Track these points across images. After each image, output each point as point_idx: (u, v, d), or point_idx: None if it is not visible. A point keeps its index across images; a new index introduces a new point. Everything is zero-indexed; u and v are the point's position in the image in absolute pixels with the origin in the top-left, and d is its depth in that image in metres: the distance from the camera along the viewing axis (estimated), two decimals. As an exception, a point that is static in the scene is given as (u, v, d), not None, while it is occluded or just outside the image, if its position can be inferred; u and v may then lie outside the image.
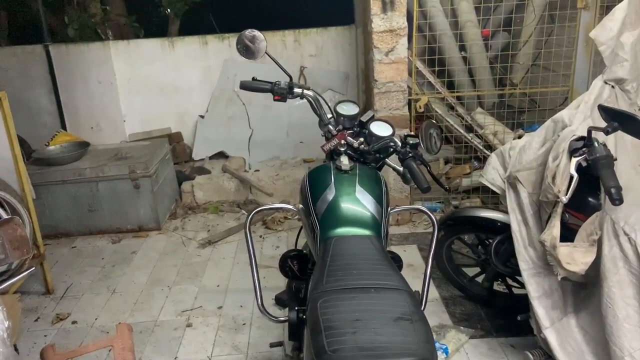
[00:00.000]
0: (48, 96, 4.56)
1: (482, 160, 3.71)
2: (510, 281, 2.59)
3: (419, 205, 2.18)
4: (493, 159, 2.19)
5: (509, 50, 3.65)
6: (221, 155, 4.72)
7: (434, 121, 1.92)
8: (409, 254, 3.32)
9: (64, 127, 4.58)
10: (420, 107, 3.54)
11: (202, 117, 4.77)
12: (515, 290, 2.61)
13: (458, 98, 3.79)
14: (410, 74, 3.54)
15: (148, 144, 4.16)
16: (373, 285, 1.36)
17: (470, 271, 2.76)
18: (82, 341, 2.66)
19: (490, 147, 3.61)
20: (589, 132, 1.64)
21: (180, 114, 4.78)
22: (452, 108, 3.78)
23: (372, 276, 1.41)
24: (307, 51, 4.75)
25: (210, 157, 4.72)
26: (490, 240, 2.56)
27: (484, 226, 2.46)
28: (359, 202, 1.76)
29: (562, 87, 3.52)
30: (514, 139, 3.47)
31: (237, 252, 3.49)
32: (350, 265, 1.48)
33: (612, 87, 1.94)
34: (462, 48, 3.76)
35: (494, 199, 3.60)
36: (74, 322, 2.82)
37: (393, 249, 3.37)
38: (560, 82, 3.53)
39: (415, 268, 3.15)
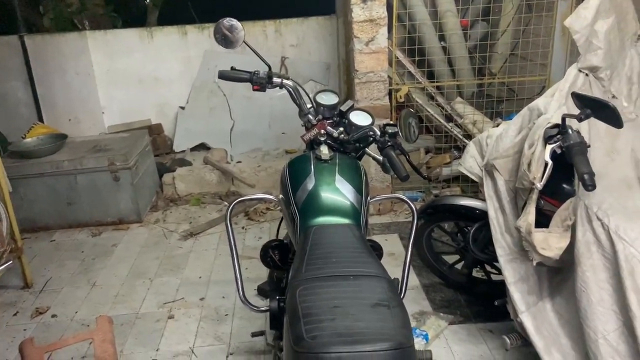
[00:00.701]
0: (24, 88, 4.48)
1: (462, 149, 3.73)
2: (488, 268, 2.63)
3: (399, 194, 2.19)
4: (471, 147, 2.22)
5: (488, 40, 3.68)
6: (202, 146, 4.69)
7: (412, 110, 1.92)
8: (390, 243, 3.35)
9: (40, 119, 4.50)
10: (400, 97, 3.56)
11: (182, 108, 4.73)
12: (494, 277, 2.65)
13: (438, 88, 3.81)
14: (390, 64, 3.54)
15: (127, 136, 4.11)
16: (352, 272, 1.37)
17: (450, 259, 2.80)
18: (62, 335, 2.64)
19: (470, 137, 3.64)
20: (563, 119, 1.67)
21: (161, 106, 4.73)
22: (432, 98, 3.80)
23: (351, 264, 1.42)
24: (288, 41, 4.73)
25: (192, 149, 4.69)
26: (469, 228, 2.60)
27: (463, 214, 2.49)
28: (338, 192, 1.77)
29: (539, 77, 3.56)
30: (492, 128, 3.53)
31: (219, 243, 3.48)
32: (329, 254, 1.49)
33: (586, 75, 1.98)
34: (442, 38, 3.78)
35: (474, 188, 3.65)
36: (53, 316, 2.80)
37: (374, 238, 3.38)
38: (538, 71, 3.57)
39: (397, 257, 3.18)
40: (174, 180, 4.18)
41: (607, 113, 1.55)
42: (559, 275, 1.89)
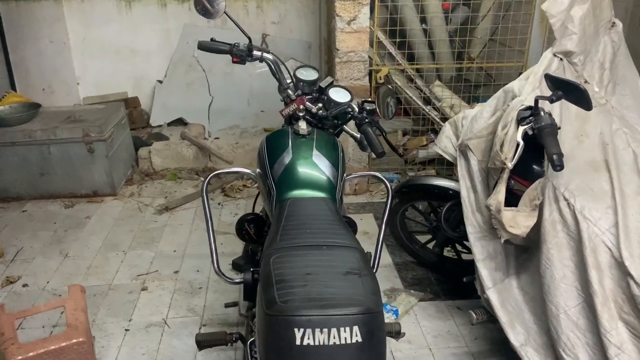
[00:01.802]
0: (-4, 55, 4.35)
1: (439, 132, 3.79)
2: (459, 247, 2.70)
3: (375, 172, 2.23)
4: (447, 128, 2.26)
5: (468, 24, 3.71)
6: (180, 122, 4.64)
7: (391, 88, 1.95)
8: (365, 222, 3.39)
9: (13, 87, 4.39)
10: (380, 78, 3.58)
11: (160, 82, 4.66)
12: (464, 256, 2.73)
13: (417, 70, 3.84)
14: (371, 45, 3.55)
15: (103, 108, 4.04)
16: (325, 243, 1.40)
17: (423, 238, 2.86)
18: (34, 303, 2.62)
19: (447, 120, 3.69)
20: (536, 101, 1.71)
21: (138, 79, 4.65)
22: (411, 80, 3.83)
23: (325, 235, 1.45)
24: (269, 18, 4.68)
25: (169, 124, 4.63)
26: (442, 208, 2.65)
27: (436, 194, 2.54)
28: (315, 166, 1.79)
29: (516, 63, 3.62)
30: (468, 109, 3.59)
31: (194, 218, 3.48)
32: (304, 225, 1.51)
33: (561, 59, 2.02)
34: (423, 20, 3.80)
35: (449, 170, 3.71)
36: (24, 285, 2.77)
37: (350, 216, 3.43)
38: (515, 57, 3.63)
39: (371, 235, 3.22)
40: (150, 154, 4.14)
41: (578, 95, 1.60)
42: (525, 254, 1.95)
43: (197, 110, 4.62)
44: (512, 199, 1.84)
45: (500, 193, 1.74)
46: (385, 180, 2.12)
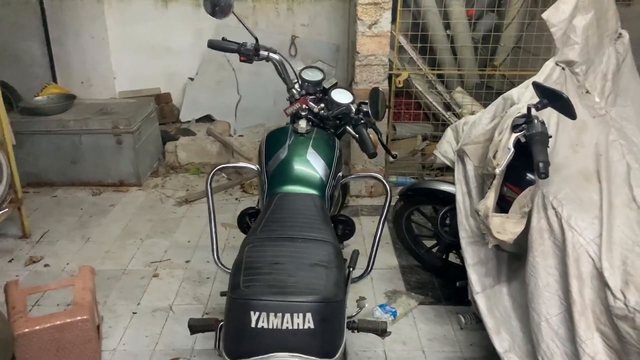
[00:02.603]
0: (40, 48, 4.60)
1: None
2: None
3: (376, 174, 2.26)
4: (448, 133, 2.27)
5: (492, 31, 3.69)
6: (208, 118, 4.79)
7: (379, 89, 1.99)
8: (372, 225, 3.42)
9: (54, 80, 4.64)
10: (400, 82, 3.60)
11: (191, 79, 4.82)
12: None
13: (439, 76, 3.83)
14: (392, 49, 3.58)
15: (134, 102, 4.23)
16: (301, 236, 1.46)
17: (429, 243, 2.86)
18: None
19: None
20: (529, 109, 1.71)
21: (170, 75, 4.83)
22: (432, 85, 3.83)
23: (304, 229, 1.51)
24: (299, 20, 4.76)
25: (197, 120, 4.79)
26: (440, 211, 2.66)
27: (441, 199, 2.55)
28: (308, 163, 1.85)
29: (540, 72, 3.56)
30: (469, 115, 3.55)
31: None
32: (287, 219, 1.58)
33: (563, 69, 2.01)
34: (447, 26, 3.79)
35: (467, 178, 3.69)
36: (46, 265, 2.94)
37: (362, 219, 3.48)
38: (540, 66, 3.56)
39: (382, 238, 3.23)
40: (176, 148, 4.29)
41: (562, 104, 1.59)
42: (518, 262, 1.95)
43: (225, 107, 4.75)
44: (504, 206, 1.85)
45: (489, 199, 1.75)
46: (385, 182, 2.16)
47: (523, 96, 1.94)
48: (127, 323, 2.50)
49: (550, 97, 1.62)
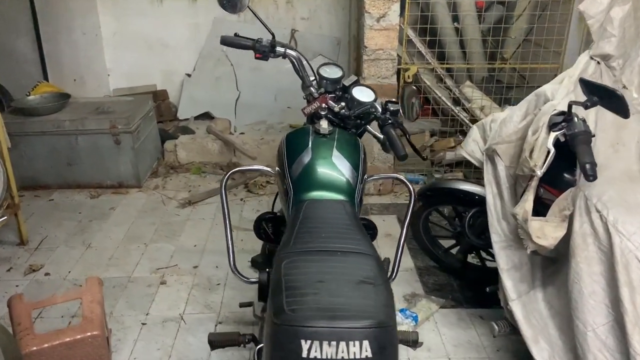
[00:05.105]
0: (31, 45, 4.42)
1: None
2: (484, 254, 2.61)
3: (398, 174, 2.16)
4: (474, 131, 2.17)
5: (502, 23, 3.59)
6: (207, 116, 4.65)
7: (415, 88, 1.88)
8: (388, 224, 3.33)
9: (46, 78, 4.47)
10: (408, 77, 3.50)
11: (189, 75, 4.68)
12: (489, 264, 2.64)
13: (447, 70, 3.74)
14: (400, 42, 3.47)
15: (131, 100, 4.08)
16: (340, 248, 1.35)
17: (446, 243, 2.77)
18: (54, 293, 2.64)
19: (477, 122, 3.58)
20: (570, 106, 1.62)
21: (167, 72, 4.68)
22: (440, 80, 3.74)
23: (340, 240, 1.40)
24: (299, 14, 4.65)
25: (196, 118, 4.65)
26: (467, 213, 2.57)
27: (462, 199, 2.46)
28: (334, 167, 1.74)
29: (552, 65, 3.48)
30: (497, 112, 3.47)
31: (216, 213, 3.47)
32: (319, 229, 1.47)
33: (598, 63, 1.92)
34: (455, 19, 3.69)
35: (477, 174, 3.61)
36: (46, 274, 2.81)
37: (372, 218, 3.37)
38: (551, 59, 3.49)
39: (393, 238, 3.16)
40: (176, 147, 4.16)
41: (615, 102, 1.50)
42: (553, 265, 1.86)
43: (224, 104, 4.62)
44: (540, 209, 1.76)
45: (528, 202, 1.66)
46: (409, 184, 2.05)
47: (557, 92, 1.84)
48: (136, 335, 2.38)
49: (602, 94, 1.53)
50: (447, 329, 2.41)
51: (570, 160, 1.73)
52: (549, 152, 1.67)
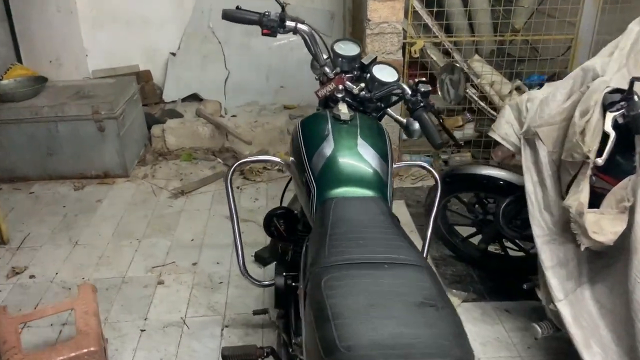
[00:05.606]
0: (1, 24, 4.07)
1: (476, 112, 3.49)
2: (507, 243, 2.44)
3: (420, 162, 1.96)
4: (507, 112, 1.96)
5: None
6: (194, 97, 4.37)
7: (455, 63, 1.66)
8: (396, 210, 3.03)
9: (19, 60, 4.12)
10: (415, 52, 3.26)
11: (173, 54, 4.37)
12: (511, 252, 2.47)
13: (455, 44, 3.51)
14: (405, 15, 3.23)
15: (113, 82, 3.78)
16: (385, 259, 1.14)
17: (464, 231, 2.60)
18: (41, 298, 2.41)
19: (486, 98, 3.38)
20: (632, 83, 1.42)
21: (150, 51, 4.36)
22: (447, 54, 3.51)
23: (383, 248, 1.19)
24: (290, -15, 4.34)
25: (183, 100, 4.36)
26: (490, 200, 2.39)
27: (485, 185, 2.27)
28: (361, 158, 1.52)
29: (566, 36, 3.28)
30: (511, 91, 3.26)
31: (212, 203, 3.24)
32: (354, 234, 1.25)
33: (652, 33, 1.72)
34: (462, -12, 3.45)
35: (485, 154, 3.42)
36: (31, 277, 2.56)
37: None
38: (565, 29, 3.29)
39: (403, 224, 2.94)
40: (164, 132, 3.89)
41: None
42: (601, 260, 1.68)
43: (213, 85, 4.34)
44: (592, 199, 1.57)
45: (583, 193, 1.47)
46: (435, 173, 1.86)
47: (608, 66, 1.64)
48: (135, 344, 2.16)
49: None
50: (472, 325, 2.24)
51: (627, 144, 1.54)
52: (606, 136, 1.48)
